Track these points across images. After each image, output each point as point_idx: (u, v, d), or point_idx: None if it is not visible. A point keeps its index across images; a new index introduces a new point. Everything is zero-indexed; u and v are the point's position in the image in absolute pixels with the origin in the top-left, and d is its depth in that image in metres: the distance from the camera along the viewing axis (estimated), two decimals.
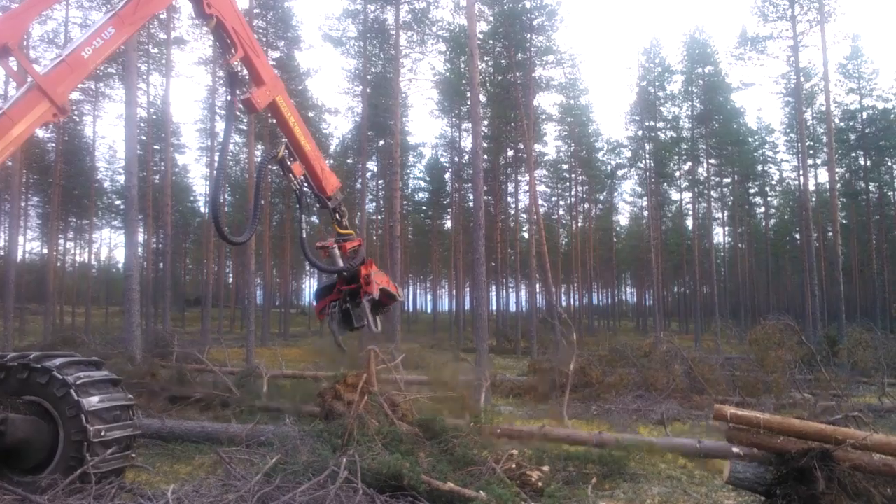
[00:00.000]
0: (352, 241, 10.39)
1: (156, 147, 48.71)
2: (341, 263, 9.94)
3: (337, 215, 10.43)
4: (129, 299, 20.94)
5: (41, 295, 53.44)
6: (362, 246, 10.69)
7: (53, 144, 47.06)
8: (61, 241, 63.90)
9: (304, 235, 10.35)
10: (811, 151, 52.25)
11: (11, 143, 6.93)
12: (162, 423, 11.42)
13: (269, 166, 10.84)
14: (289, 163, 9.81)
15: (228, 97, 9.91)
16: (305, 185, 10.07)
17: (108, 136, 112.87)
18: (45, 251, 61.36)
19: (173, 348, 17.11)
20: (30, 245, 68.58)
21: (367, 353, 10.86)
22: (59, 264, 61.47)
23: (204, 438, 10.76)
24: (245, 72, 10.18)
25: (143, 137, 41.61)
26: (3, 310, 28.95)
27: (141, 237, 21.25)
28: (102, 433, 7.19)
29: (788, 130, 59.07)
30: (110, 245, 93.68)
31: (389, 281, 10.26)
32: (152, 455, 10.00)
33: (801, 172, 45.38)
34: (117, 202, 61.48)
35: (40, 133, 47.93)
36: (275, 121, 10.71)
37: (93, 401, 7.25)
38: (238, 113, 10.67)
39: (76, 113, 49.63)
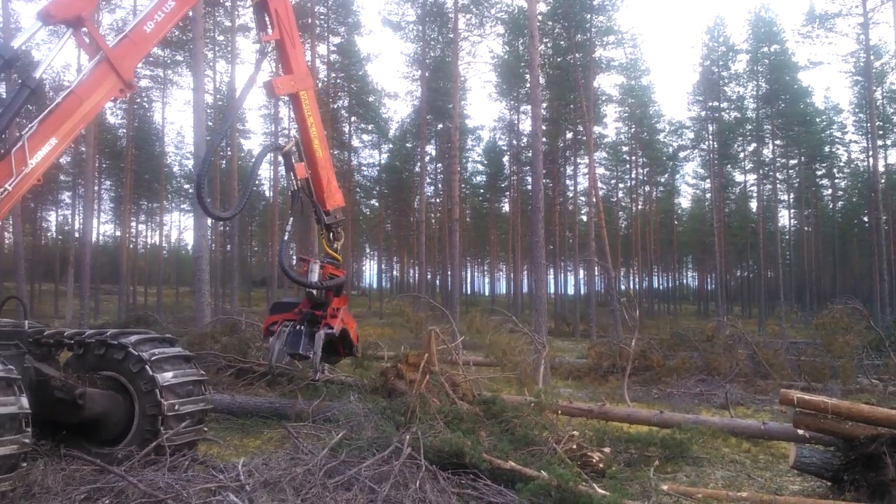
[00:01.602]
0: (336, 269, 9.84)
1: None
2: (315, 279, 9.28)
3: (331, 234, 9.97)
4: (199, 280, 21.61)
5: (115, 275, 55.48)
6: (346, 281, 10.18)
7: (125, 131, 48.60)
8: (133, 224, 65.99)
9: (286, 238, 10.06)
10: (881, 132, 50.18)
11: (81, 121, 7.10)
12: (232, 398, 11.73)
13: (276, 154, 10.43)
14: (293, 160, 9.42)
15: (252, 76, 9.83)
16: (304, 190, 9.64)
17: (176, 122, 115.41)
18: (118, 233, 63.65)
19: (241, 326, 17.63)
20: (104, 228, 71.25)
21: (427, 334, 10.89)
22: (131, 246, 63.50)
23: (272, 413, 11.03)
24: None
25: (210, 123, 42.55)
26: (80, 290, 30.18)
27: (209, 220, 21.84)
28: (176, 407, 7.42)
29: (857, 110, 56.83)
30: (180, 227, 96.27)
31: (355, 330, 9.75)
32: (223, 429, 10.31)
33: (871, 153, 43.75)
34: (186, 186, 63.16)
35: (112, 120, 49.64)
36: (294, 115, 10.51)
37: (167, 376, 7.48)
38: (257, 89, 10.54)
39: (145, 99, 51.11)
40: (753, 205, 58.78)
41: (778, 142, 53.53)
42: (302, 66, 9.87)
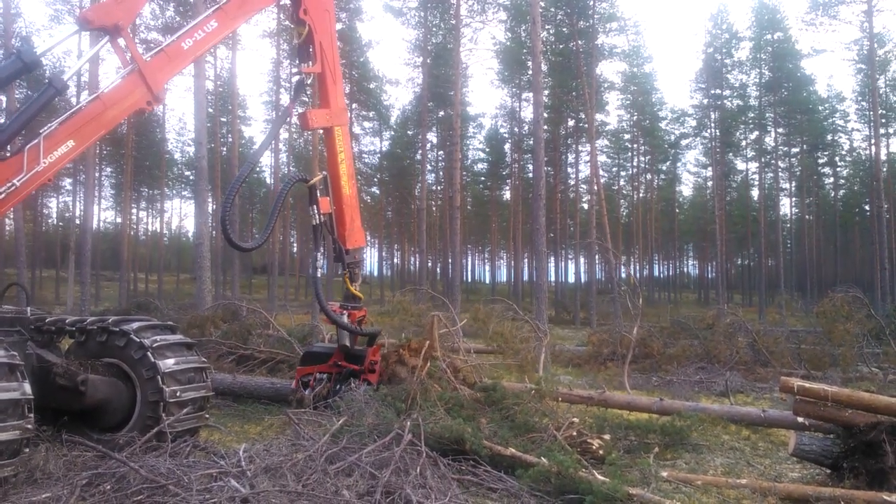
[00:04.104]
0: (358, 310, 10.07)
1: (223, 119, 49.75)
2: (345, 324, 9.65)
3: (349, 273, 10.08)
4: (199, 267, 21.65)
5: (116, 262, 55.51)
6: (366, 316, 10.41)
7: (125, 117, 48.41)
8: (134, 211, 65.94)
9: (318, 275, 9.90)
10: (883, 120, 50.05)
11: (102, 127, 7.11)
12: (233, 378, 11.76)
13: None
14: (318, 194, 9.41)
15: (289, 105, 9.79)
16: (326, 226, 9.67)
17: (176, 108, 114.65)
18: (119, 220, 63.63)
19: (242, 313, 17.67)
20: (104, 215, 71.39)
21: (430, 320, 10.81)
22: (132, 233, 63.51)
23: (273, 394, 11.07)
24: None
25: (211, 110, 42.48)
26: (81, 276, 30.15)
27: (210, 207, 21.87)
28: (178, 394, 7.45)
29: (860, 98, 56.66)
30: (181, 214, 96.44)
31: (384, 370, 9.88)
32: (224, 416, 10.34)
33: (873, 142, 43.68)
34: (187, 173, 63.10)
35: None
36: (325, 149, 10.43)
37: (168, 363, 7.50)
38: (289, 121, 10.52)
39: None
40: (755, 193, 58.75)
41: (780, 130, 53.43)
42: (340, 102, 9.84)
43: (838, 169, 66.83)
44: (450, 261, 44.69)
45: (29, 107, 7.03)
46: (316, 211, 9.50)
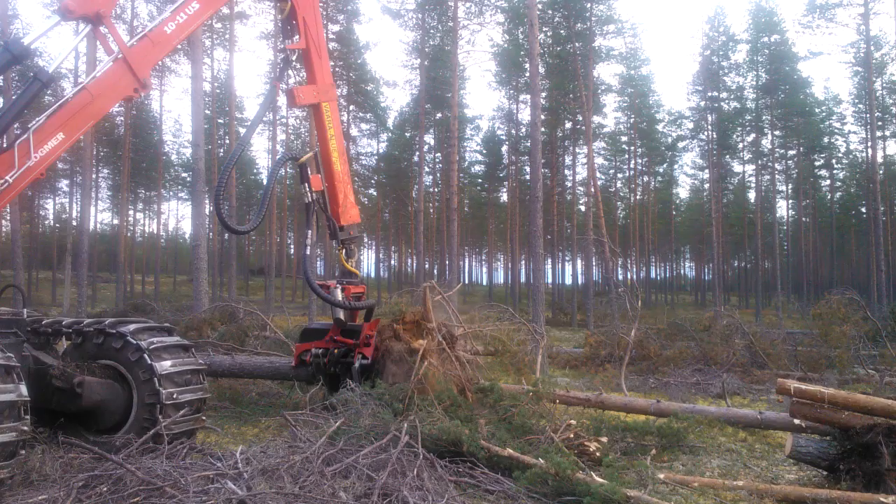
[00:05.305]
0: (356, 286, 9.97)
1: (220, 121, 49.68)
2: (340, 300, 9.51)
3: (344, 251, 10.00)
4: (196, 268, 21.58)
5: (112, 264, 55.41)
6: (365, 293, 10.30)
7: (122, 119, 48.41)
8: (131, 212, 65.79)
9: (307, 252, 9.81)
10: (880, 123, 50.19)
11: (91, 117, 7.08)
12: (232, 359, 11.87)
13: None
14: (309, 171, 9.36)
15: (274, 81, 9.71)
16: (319, 203, 9.60)
17: (174, 110, 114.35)
18: (115, 222, 63.48)
19: (239, 315, 17.64)
20: (101, 216, 71.18)
21: (423, 290, 10.43)
22: (129, 234, 63.36)
23: (273, 372, 11.29)
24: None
25: (208, 112, 42.41)
26: (77, 278, 30.07)
27: (207, 209, 21.82)
28: (174, 396, 7.44)
29: (857, 101, 56.82)
30: (178, 216, 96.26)
31: (380, 344, 9.73)
32: (221, 417, 10.34)
33: (870, 144, 43.89)
34: (184, 175, 63.01)
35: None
36: (315, 126, 10.35)
37: (165, 365, 7.49)
38: (278, 101, 10.40)
39: None
40: (752, 195, 58.86)
41: (777, 132, 53.51)
42: (327, 78, 9.71)
43: (835, 171, 66.99)
44: (447, 262, 44.68)
45: (15, 102, 7.01)
46: (308, 189, 9.44)
